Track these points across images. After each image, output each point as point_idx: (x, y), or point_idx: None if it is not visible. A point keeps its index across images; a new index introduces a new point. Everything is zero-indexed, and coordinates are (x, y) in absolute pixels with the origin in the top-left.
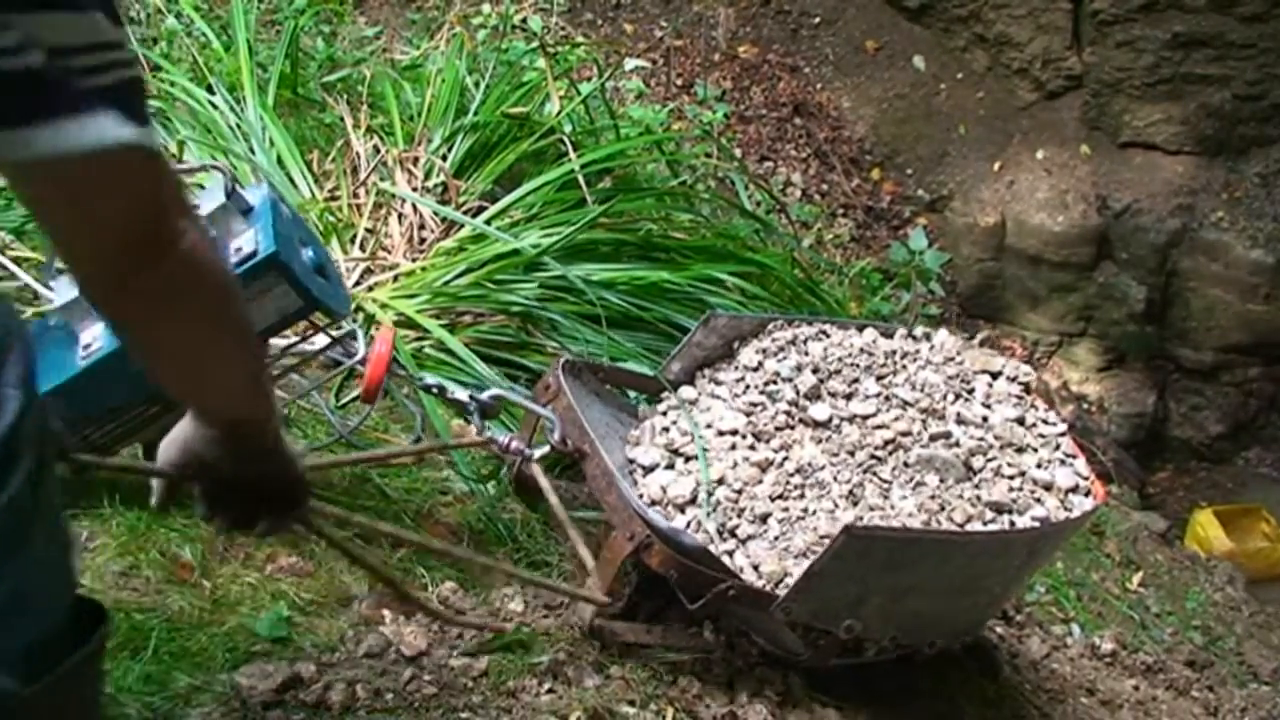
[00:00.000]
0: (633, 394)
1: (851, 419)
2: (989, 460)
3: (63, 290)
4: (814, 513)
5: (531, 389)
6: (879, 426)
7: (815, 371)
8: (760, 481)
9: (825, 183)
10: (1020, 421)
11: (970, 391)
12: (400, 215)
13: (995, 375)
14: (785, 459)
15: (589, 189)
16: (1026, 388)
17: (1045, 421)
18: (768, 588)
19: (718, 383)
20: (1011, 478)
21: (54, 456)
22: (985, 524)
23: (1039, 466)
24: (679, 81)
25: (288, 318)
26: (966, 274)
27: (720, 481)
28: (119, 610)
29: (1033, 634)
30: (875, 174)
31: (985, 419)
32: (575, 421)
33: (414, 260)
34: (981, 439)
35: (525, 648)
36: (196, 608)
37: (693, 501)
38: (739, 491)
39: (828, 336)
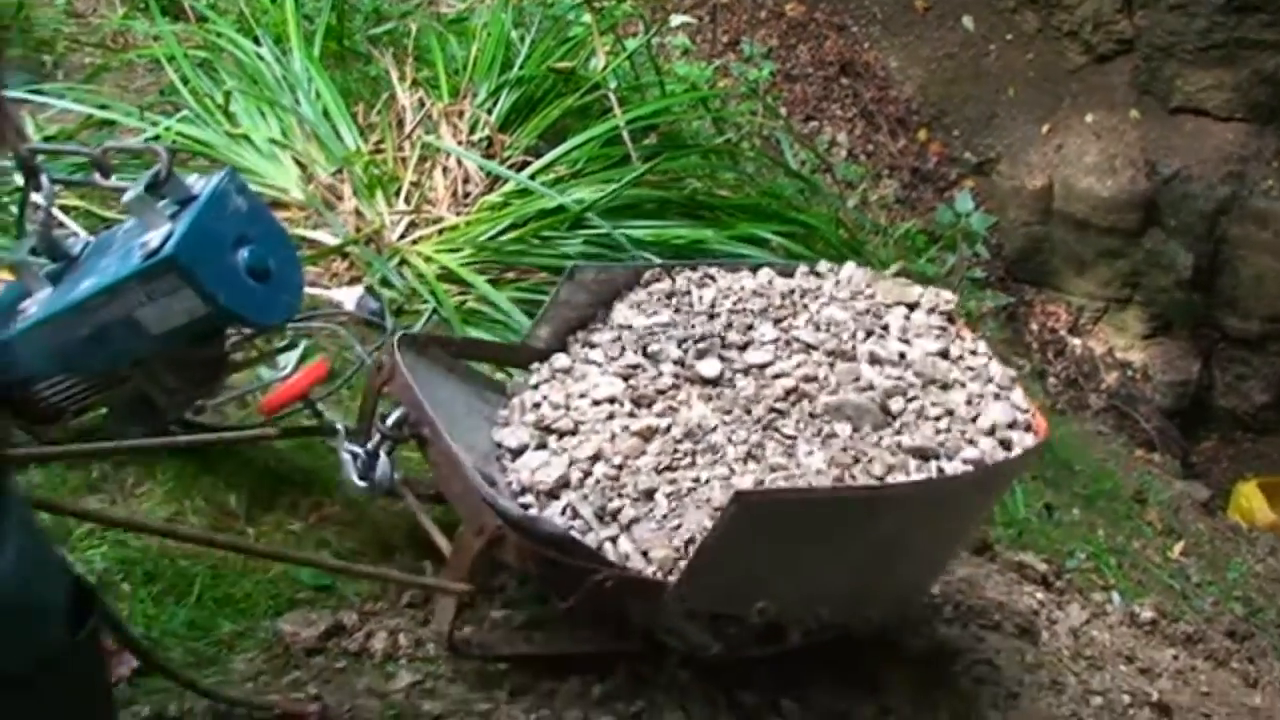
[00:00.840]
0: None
1: (746, 370)
2: (910, 401)
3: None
4: (707, 481)
5: None
6: (779, 375)
7: (706, 322)
8: (643, 453)
9: (871, 143)
10: (944, 355)
11: (885, 328)
12: (445, 169)
13: (912, 307)
14: (670, 425)
15: (634, 145)
16: (949, 318)
17: (973, 352)
18: (659, 575)
19: (592, 345)
20: (937, 419)
21: None
22: (909, 474)
23: (968, 403)
24: (725, 38)
25: (196, 320)
26: (1013, 237)
27: (596, 457)
28: (165, 556)
29: (1073, 600)
30: (922, 135)
31: (903, 355)
32: (414, 403)
33: (458, 214)
34: (900, 378)
35: None
36: (241, 555)
37: (567, 485)
38: (619, 467)
39: (714, 282)
